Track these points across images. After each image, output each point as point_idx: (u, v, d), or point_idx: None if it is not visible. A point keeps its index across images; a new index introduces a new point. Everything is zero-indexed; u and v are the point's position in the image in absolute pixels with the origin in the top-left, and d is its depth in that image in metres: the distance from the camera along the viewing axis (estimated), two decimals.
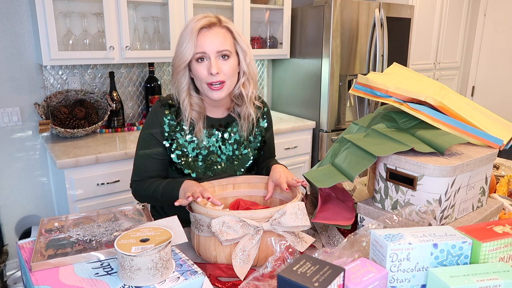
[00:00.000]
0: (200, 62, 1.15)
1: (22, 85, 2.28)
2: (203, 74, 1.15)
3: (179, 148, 1.25)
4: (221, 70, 1.15)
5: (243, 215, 0.94)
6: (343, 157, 1.07)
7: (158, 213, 1.40)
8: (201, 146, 1.26)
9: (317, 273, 0.62)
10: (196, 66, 1.16)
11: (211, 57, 1.14)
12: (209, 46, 1.13)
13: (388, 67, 1.31)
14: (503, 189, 1.32)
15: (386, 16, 2.83)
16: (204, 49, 1.13)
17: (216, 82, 1.16)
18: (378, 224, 0.85)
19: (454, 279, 0.65)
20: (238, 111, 1.30)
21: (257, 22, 2.93)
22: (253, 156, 1.34)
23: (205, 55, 1.14)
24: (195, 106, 1.23)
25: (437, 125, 1.07)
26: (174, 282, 0.71)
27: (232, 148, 1.30)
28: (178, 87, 1.21)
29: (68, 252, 0.80)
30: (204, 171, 1.27)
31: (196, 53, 1.13)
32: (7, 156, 2.30)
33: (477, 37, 4.09)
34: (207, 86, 1.17)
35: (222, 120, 1.29)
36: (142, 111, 2.67)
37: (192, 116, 1.23)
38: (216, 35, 1.14)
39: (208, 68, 1.14)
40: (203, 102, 1.25)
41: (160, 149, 1.24)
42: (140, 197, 1.27)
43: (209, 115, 1.28)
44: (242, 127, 1.30)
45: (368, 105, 2.92)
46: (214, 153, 1.28)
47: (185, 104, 1.21)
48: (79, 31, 2.30)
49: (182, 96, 1.21)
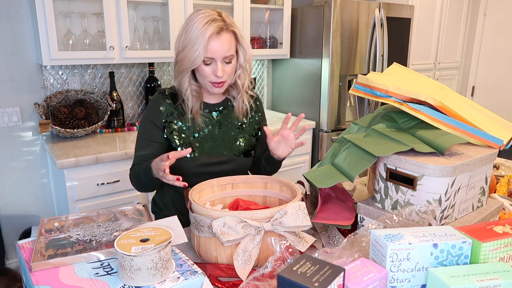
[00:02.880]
0: (206, 65, 1.24)
1: (22, 85, 2.28)
2: (209, 75, 1.25)
3: (176, 131, 1.31)
4: (225, 72, 1.26)
5: (244, 216, 0.94)
6: (343, 157, 1.07)
7: (160, 209, 1.44)
8: (198, 129, 1.33)
9: (317, 273, 0.62)
10: (203, 67, 1.24)
11: (217, 62, 1.23)
12: (218, 53, 1.22)
13: (388, 67, 1.31)
14: (503, 189, 1.32)
15: (386, 16, 2.83)
16: (213, 55, 1.22)
17: (219, 82, 1.26)
18: (378, 224, 0.85)
19: (454, 279, 0.65)
20: (233, 94, 1.39)
21: (257, 22, 2.92)
22: (249, 141, 1.39)
23: (212, 60, 1.24)
24: (194, 92, 1.31)
25: (437, 125, 1.07)
26: (174, 282, 0.71)
27: (227, 130, 1.37)
28: (180, 79, 1.29)
29: (68, 252, 0.80)
30: (201, 153, 1.33)
31: (205, 57, 1.22)
32: (7, 156, 2.30)
33: (477, 37, 4.09)
34: (210, 84, 1.27)
35: (218, 105, 1.38)
36: (142, 111, 2.67)
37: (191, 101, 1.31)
38: (224, 41, 1.22)
39: (214, 71, 1.24)
40: (201, 89, 1.34)
41: (158, 133, 1.31)
42: (134, 183, 1.34)
43: (205, 100, 1.37)
44: (236, 111, 1.38)
45: (368, 105, 2.92)
46: (211, 135, 1.34)
47: (187, 94, 1.30)
48: (79, 31, 2.30)
49: (184, 86, 1.29)
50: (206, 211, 0.96)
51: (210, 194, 1.19)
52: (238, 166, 1.37)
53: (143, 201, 2.16)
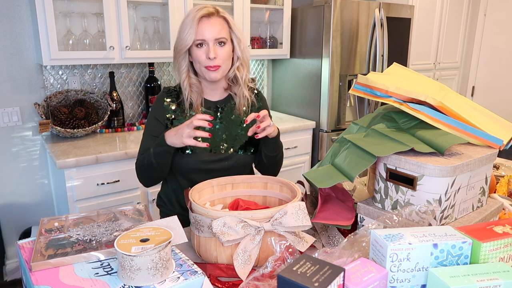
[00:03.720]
0: (199, 48, 1.28)
1: (22, 85, 2.28)
2: (202, 58, 1.28)
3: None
4: (218, 55, 1.27)
5: (244, 216, 0.94)
6: (343, 157, 1.07)
7: (164, 203, 1.46)
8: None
9: (317, 273, 0.62)
10: (196, 50, 1.28)
11: (209, 44, 1.26)
12: (208, 34, 1.26)
13: (388, 67, 1.31)
14: (503, 189, 1.32)
15: (386, 16, 2.83)
16: (204, 36, 1.26)
17: (213, 66, 1.28)
18: (378, 224, 0.85)
19: (454, 279, 0.65)
20: (234, 90, 1.40)
21: (257, 22, 2.92)
22: (250, 138, 1.39)
23: (204, 42, 1.27)
24: (194, 87, 1.34)
25: (437, 125, 1.07)
26: (174, 282, 0.71)
27: (229, 127, 1.38)
28: (178, 69, 1.33)
29: (68, 252, 0.80)
30: (203, 149, 1.34)
31: (196, 39, 1.26)
32: (7, 156, 2.30)
33: (477, 37, 4.09)
34: (205, 69, 1.29)
35: (219, 102, 1.39)
36: (142, 111, 2.67)
37: (191, 97, 1.34)
38: (214, 24, 1.27)
39: (207, 53, 1.26)
40: (201, 84, 1.36)
41: (162, 129, 1.34)
42: (140, 169, 1.34)
43: (206, 97, 1.38)
44: (238, 106, 1.39)
45: (368, 105, 2.92)
46: (212, 132, 1.35)
47: (185, 85, 1.33)
48: (79, 31, 2.30)
49: (182, 77, 1.33)
50: (206, 211, 0.96)
51: (210, 194, 1.19)
52: (238, 163, 1.38)
53: (143, 201, 2.16)
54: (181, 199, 1.41)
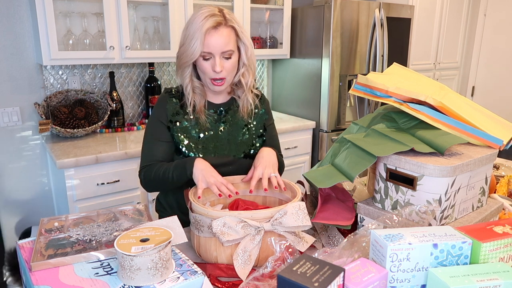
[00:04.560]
0: (205, 60, 1.24)
1: (22, 85, 2.28)
2: (207, 70, 1.25)
3: (181, 131, 1.31)
4: (224, 68, 1.24)
5: (244, 216, 0.94)
6: (343, 157, 1.07)
7: (163, 208, 1.43)
8: (203, 129, 1.33)
9: (317, 273, 0.62)
10: (202, 62, 1.24)
11: (215, 57, 1.22)
12: (215, 48, 1.21)
13: (388, 67, 1.31)
14: (503, 189, 1.32)
15: (386, 16, 2.83)
16: (210, 49, 1.21)
17: (218, 78, 1.25)
18: (378, 224, 0.85)
19: (454, 279, 0.65)
20: (238, 93, 1.37)
21: (257, 22, 2.92)
22: (256, 143, 1.37)
23: (211, 54, 1.23)
24: (197, 89, 1.31)
25: (437, 125, 1.07)
26: (174, 282, 0.71)
27: (232, 130, 1.36)
28: (182, 75, 1.30)
29: (68, 252, 0.80)
30: (206, 153, 1.31)
31: (203, 52, 1.22)
32: (7, 156, 2.30)
33: (477, 37, 4.09)
34: (210, 81, 1.27)
35: (222, 105, 1.37)
36: (142, 111, 2.67)
37: (194, 100, 1.31)
38: (221, 35, 1.22)
39: (213, 66, 1.23)
40: (203, 87, 1.33)
41: (166, 132, 1.31)
42: (150, 182, 1.29)
43: (210, 100, 1.36)
44: (241, 110, 1.37)
45: (368, 105, 2.92)
46: (216, 136, 1.34)
47: (188, 89, 1.30)
48: (79, 31, 2.30)
49: (185, 81, 1.30)
50: (206, 211, 0.96)
51: (210, 194, 1.19)
52: (242, 167, 1.34)
53: (143, 201, 2.16)
54: (182, 203, 1.37)
